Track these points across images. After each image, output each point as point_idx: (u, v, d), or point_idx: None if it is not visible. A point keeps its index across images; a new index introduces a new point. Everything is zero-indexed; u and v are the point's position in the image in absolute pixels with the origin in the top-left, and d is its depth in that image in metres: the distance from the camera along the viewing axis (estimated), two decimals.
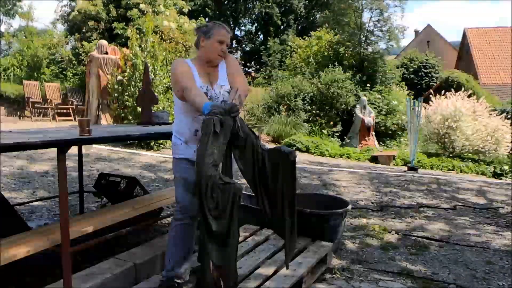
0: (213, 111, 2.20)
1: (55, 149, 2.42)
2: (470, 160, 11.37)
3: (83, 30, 14.69)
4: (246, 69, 29.84)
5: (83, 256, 3.15)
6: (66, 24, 16.70)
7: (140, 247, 3.25)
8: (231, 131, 2.31)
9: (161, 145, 9.28)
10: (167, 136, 3.01)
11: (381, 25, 16.94)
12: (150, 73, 4.09)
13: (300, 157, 10.16)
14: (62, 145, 2.42)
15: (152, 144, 9.11)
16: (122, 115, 9.06)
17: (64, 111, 13.53)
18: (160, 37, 10.77)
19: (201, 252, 2.83)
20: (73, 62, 14.90)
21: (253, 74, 26.19)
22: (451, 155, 11.74)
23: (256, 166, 2.49)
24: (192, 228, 2.69)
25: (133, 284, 2.77)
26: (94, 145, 8.31)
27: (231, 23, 30.20)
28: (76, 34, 15.01)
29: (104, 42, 10.86)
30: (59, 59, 15.08)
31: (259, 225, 3.81)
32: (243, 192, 3.41)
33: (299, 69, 17.22)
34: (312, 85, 14.75)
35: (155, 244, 3.34)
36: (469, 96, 12.56)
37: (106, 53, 10.36)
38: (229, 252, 2.14)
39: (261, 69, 24.02)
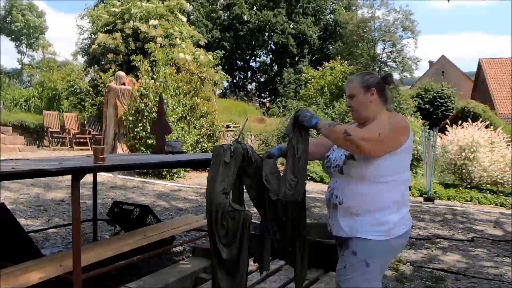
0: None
1: (70, 177, 2.48)
2: (488, 192, 11.16)
3: (102, 62, 15.11)
4: (261, 99, 30.18)
5: (94, 284, 3.15)
6: (86, 56, 17.19)
7: (151, 276, 3.24)
8: (242, 159, 2.33)
9: (174, 175, 9.34)
10: (180, 165, 3.05)
11: (394, 56, 17.10)
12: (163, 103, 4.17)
13: (314, 187, 10.11)
14: (76, 173, 2.47)
15: (164, 173, 9.18)
16: (137, 145, 9.19)
17: (82, 140, 13.77)
18: (176, 69, 11.01)
19: (212, 280, 2.82)
20: (91, 93, 15.26)
21: (267, 104, 26.44)
22: (468, 186, 11.55)
23: (266, 195, 2.49)
24: None
25: None
26: (109, 174, 8.41)
27: (246, 55, 30.77)
28: (95, 66, 15.43)
29: (121, 73, 11.14)
30: (78, 90, 15.47)
31: (271, 255, 3.78)
32: (254, 221, 3.41)
33: (313, 99, 17.37)
34: (327, 115, 14.82)
35: (166, 272, 3.33)
36: (486, 127, 12.43)
37: (124, 84, 10.61)
38: (239, 280, 2.13)
39: (276, 100, 24.26)
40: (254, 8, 28.74)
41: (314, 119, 2.10)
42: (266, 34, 29.30)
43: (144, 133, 8.93)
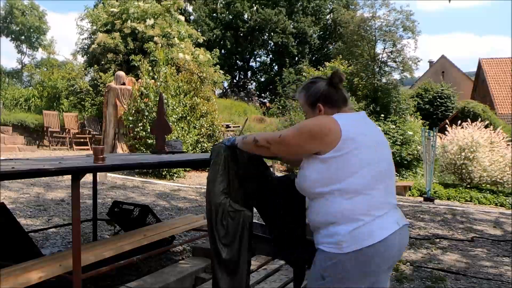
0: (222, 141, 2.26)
1: (70, 177, 2.47)
2: (488, 191, 11.16)
3: (102, 62, 15.11)
4: (261, 99, 30.18)
5: (94, 284, 3.15)
6: (85, 56, 17.20)
7: (151, 276, 3.24)
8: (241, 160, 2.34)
9: (174, 175, 9.34)
10: (180, 165, 3.05)
11: (394, 56, 17.07)
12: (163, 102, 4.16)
13: None
14: (76, 173, 2.47)
15: (164, 173, 9.19)
16: (137, 145, 9.19)
17: (82, 140, 13.77)
18: (176, 69, 11.03)
19: (212, 280, 2.82)
20: (91, 92, 15.26)
21: (267, 104, 26.43)
22: (468, 186, 11.55)
23: (268, 196, 2.49)
24: None
25: None
26: (109, 174, 8.41)
27: (247, 54, 30.76)
28: (95, 65, 15.43)
29: (121, 73, 11.14)
30: (78, 90, 15.47)
31: (271, 255, 3.78)
32: (255, 221, 3.40)
33: None
34: None
35: (166, 272, 3.34)
36: (486, 126, 12.44)
37: (124, 83, 10.62)
38: (239, 280, 2.13)
39: (276, 99, 24.26)
40: (255, 8, 28.71)
41: (232, 139, 2.21)
42: (266, 34, 29.30)
43: (144, 133, 8.94)
